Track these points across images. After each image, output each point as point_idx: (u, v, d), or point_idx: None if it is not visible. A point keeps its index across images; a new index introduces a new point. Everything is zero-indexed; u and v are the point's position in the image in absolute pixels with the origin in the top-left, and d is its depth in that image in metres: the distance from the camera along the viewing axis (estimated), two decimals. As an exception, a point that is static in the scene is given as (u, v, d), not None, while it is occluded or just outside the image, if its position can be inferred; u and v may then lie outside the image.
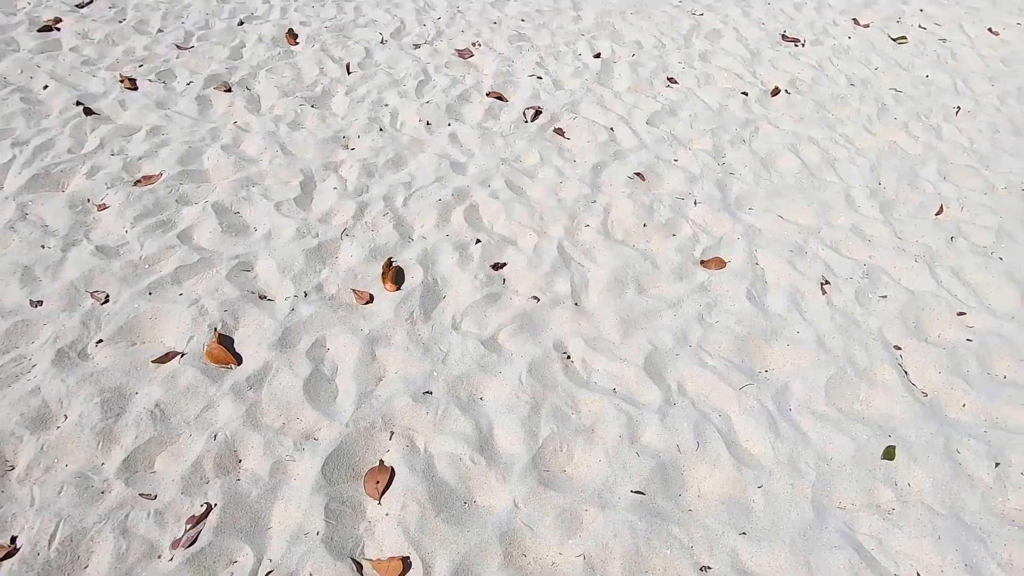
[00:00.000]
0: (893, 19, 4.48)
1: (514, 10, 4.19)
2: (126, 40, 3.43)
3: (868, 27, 4.31)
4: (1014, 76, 3.73)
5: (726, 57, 3.73)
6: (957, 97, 3.45)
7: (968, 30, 4.36)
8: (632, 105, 3.16)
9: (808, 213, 2.50)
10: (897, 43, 4.09)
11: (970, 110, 3.33)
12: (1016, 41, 4.22)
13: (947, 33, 4.29)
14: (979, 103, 3.41)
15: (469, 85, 3.22)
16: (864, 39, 4.11)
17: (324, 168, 2.53)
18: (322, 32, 3.67)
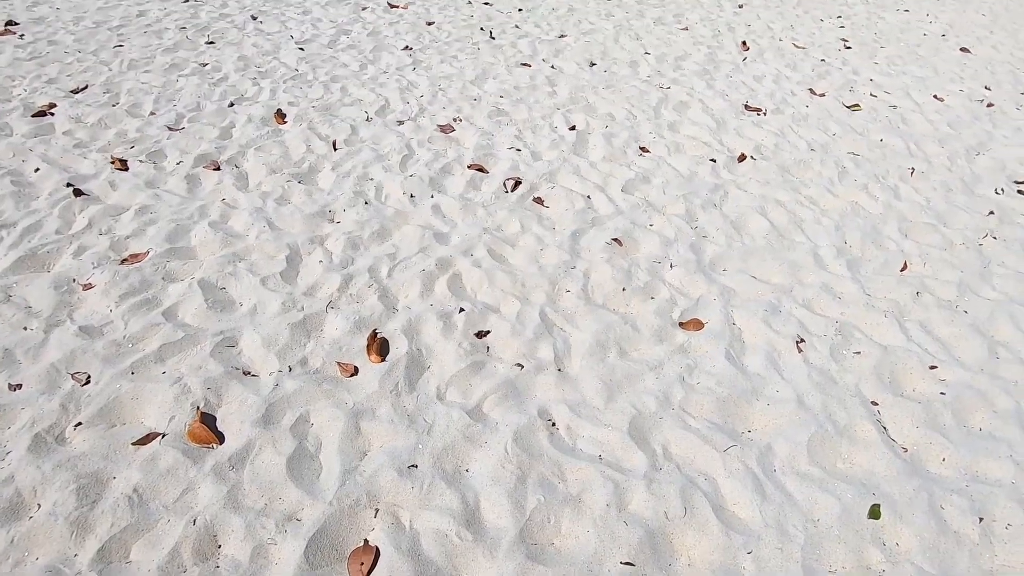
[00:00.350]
0: (846, 88, 4.82)
1: (493, 87, 4.43)
2: (119, 123, 3.55)
3: (824, 96, 4.62)
4: (960, 138, 3.99)
5: (693, 127, 3.96)
6: (911, 159, 3.67)
7: (915, 97, 4.70)
8: (607, 174, 3.31)
9: (780, 273, 2.60)
10: (851, 110, 4.38)
11: (924, 171, 3.54)
12: (959, 106, 4.55)
13: (897, 100, 4.61)
14: (931, 164, 3.63)
15: (451, 158, 3.37)
16: (821, 107, 4.39)
17: (310, 242, 2.59)
18: (309, 111, 3.84)
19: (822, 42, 6.13)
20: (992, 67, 5.56)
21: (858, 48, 5.97)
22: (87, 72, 4.26)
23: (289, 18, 5.94)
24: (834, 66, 5.36)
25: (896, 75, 5.20)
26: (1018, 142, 3.96)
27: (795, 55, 5.64)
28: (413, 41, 5.42)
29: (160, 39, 5.04)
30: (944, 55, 5.89)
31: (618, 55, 5.34)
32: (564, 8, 7.00)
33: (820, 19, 7.18)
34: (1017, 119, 4.36)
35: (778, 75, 5.05)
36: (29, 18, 5.42)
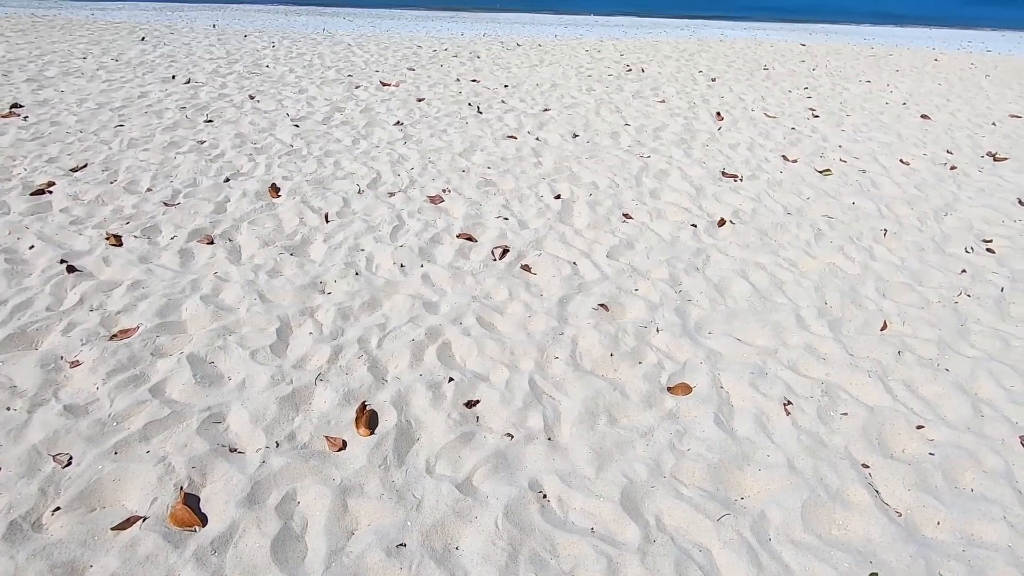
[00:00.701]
0: (817, 155, 5.07)
1: (480, 159, 4.62)
2: (116, 199, 3.65)
3: (796, 162, 4.86)
4: (928, 200, 4.17)
5: (674, 193, 4.12)
6: (883, 220, 3.83)
7: (883, 161, 4.94)
8: (592, 240, 3.41)
9: (764, 335, 2.65)
10: (823, 175, 4.59)
11: (896, 232, 3.68)
12: (924, 169, 4.78)
13: (865, 165, 4.84)
14: (903, 225, 3.78)
15: (440, 228, 3.46)
16: (794, 173, 4.60)
17: (300, 314, 2.62)
18: (303, 185, 3.97)
19: (791, 112, 6.50)
20: (951, 133, 5.89)
21: (825, 117, 6.33)
22: (87, 151, 4.40)
23: (286, 97, 6.23)
24: (804, 134, 5.66)
25: (863, 141, 5.49)
26: (982, 202, 4.15)
27: (767, 124, 5.95)
28: (404, 116, 5.68)
29: (160, 118, 5.25)
30: (906, 122, 6.24)
31: (600, 127, 5.61)
32: (547, 84, 7.40)
33: (788, 90, 7.63)
34: (979, 181, 4.58)
35: (752, 143, 5.31)
36: (34, 100, 5.64)
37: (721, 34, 15.53)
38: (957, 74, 9.46)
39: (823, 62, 10.20)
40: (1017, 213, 4.00)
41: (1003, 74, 9.62)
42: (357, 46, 9.93)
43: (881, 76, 9.00)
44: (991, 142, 5.63)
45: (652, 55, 10.26)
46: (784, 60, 10.28)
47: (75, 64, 7.34)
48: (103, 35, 9.94)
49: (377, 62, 8.45)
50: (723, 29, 17.85)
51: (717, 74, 8.66)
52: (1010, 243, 3.57)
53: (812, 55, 11.07)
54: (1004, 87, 8.42)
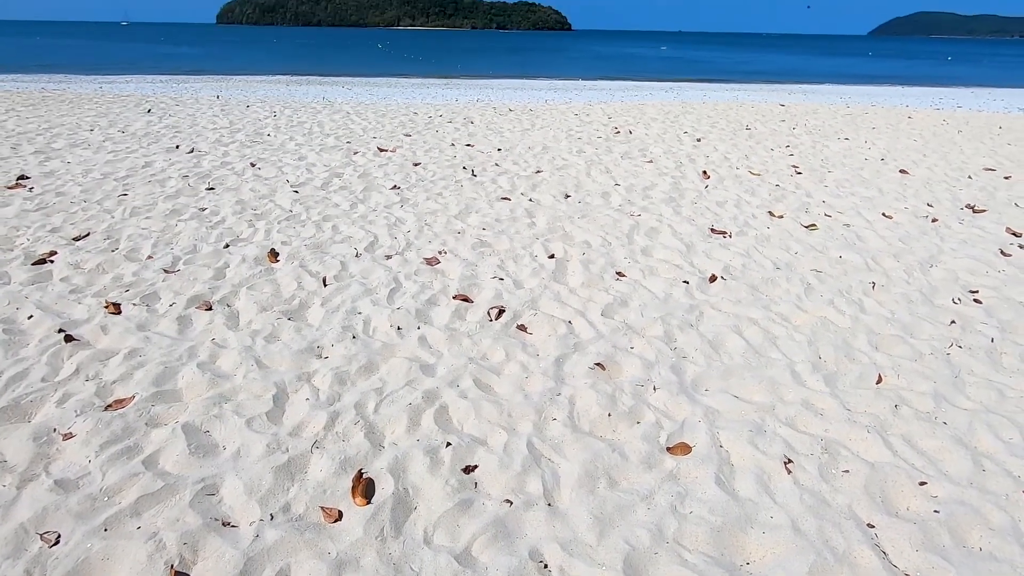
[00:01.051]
0: (802, 210, 5.22)
1: (476, 221, 4.74)
2: (116, 267, 3.70)
3: (782, 218, 5.00)
4: (913, 252, 4.28)
5: (665, 250, 4.22)
6: (870, 273, 3.91)
7: (866, 216, 5.09)
8: (587, 299, 3.46)
9: (760, 391, 2.65)
10: (809, 230, 4.72)
11: (884, 284, 3.75)
12: (907, 223, 4.93)
13: (849, 219, 4.99)
14: (890, 277, 3.86)
15: (437, 290, 3.51)
16: (781, 228, 4.73)
17: (297, 379, 2.62)
18: (302, 250, 4.05)
19: (775, 169, 6.74)
20: (930, 186, 6.10)
21: (808, 173, 6.56)
22: (90, 220, 4.50)
23: (286, 164, 6.43)
24: (788, 190, 5.85)
25: (845, 196, 5.67)
26: (965, 253, 4.26)
27: (752, 181, 6.16)
28: (401, 180, 5.86)
29: (163, 187, 5.40)
30: (886, 177, 6.47)
31: (590, 187, 5.79)
32: (539, 147, 7.68)
33: (771, 149, 7.94)
34: (961, 232, 4.71)
35: (739, 200, 5.48)
36: (41, 172, 5.80)
37: (704, 95, 16.26)
38: (931, 130, 9.88)
39: (802, 121, 10.65)
40: (1000, 263, 4.09)
41: (974, 129, 10.05)
42: (355, 114, 10.34)
43: (859, 134, 9.39)
44: (969, 195, 5.83)
45: (639, 117, 10.70)
46: (765, 120, 10.74)
47: (82, 136, 7.60)
48: (111, 107, 10.33)
49: (375, 129, 8.78)
50: (705, 91, 18.70)
51: (702, 134, 9.02)
52: (996, 293, 3.64)
53: (791, 115, 11.57)
54: (977, 142, 8.79)
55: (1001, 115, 12.37)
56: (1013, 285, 3.75)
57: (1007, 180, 6.41)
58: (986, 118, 11.71)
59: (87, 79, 18.27)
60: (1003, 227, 4.85)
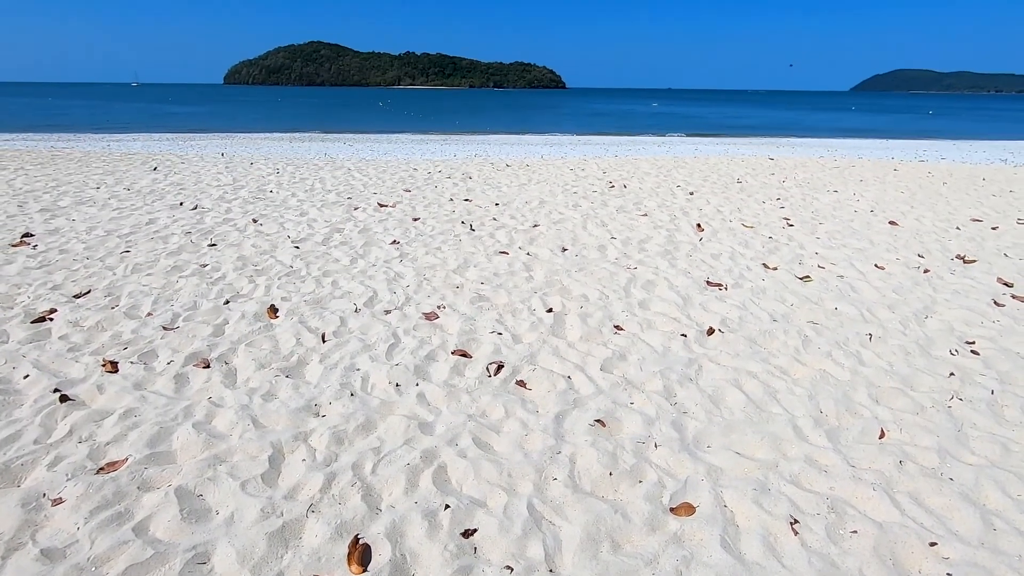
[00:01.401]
0: (796, 262, 5.30)
1: (474, 275, 4.79)
2: (115, 325, 3.71)
3: (776, 270, 5.06)
4: (907, 303, 4.32)
5: (662, 303, 4.25)
6: (866, 325, 3.93)
7: (859, 267, 5.16)
8: (585, 353, 3.46)
9: (762, 447, 2.62)
10: (804, 282, 4.77)
11: (880, 336, 3.77)
12: (899, 274, 4.99)
13: (842, 271, 5.05)
14: (886, 329, 3.88)
15: (435, 345, 3.52)
16: (776, 280, 4.79)
17: (294, 439, 2.58)
18: (301, 306, 4.07)
19: (767, 221, 6.87)
20: (920, 237, 6.22)
21: (800, 225, 6.69)
22: (92, 277, 4.54)
23: (287, 220, 6.54)
24: (781, 242, 5.95)
25: (837, 248, 5.77)
26: (959, 304, 4.30)
27: (745, 234, 6.27)
28: (400, 235, 5.95)
29: (166, 243, 5.47)
30: (876, 228, 6.61)
31: (587, 240, 5.89)
32: (536, 201, 7.85)
33: (762, 201, 8.12)
34: (953, 283, 4.77)
35: (733, 252, 5.57)
36: (45, 229, 5.89)
37: (695, 149, 16.76)
38: (917, 182, 10.14)
39: (792, 174, 10.94)
40: (994, 314, 4.13)
41: (959, 181, 10.32)
42: (357, 170, 10.60)
43: (847, 186, 9.63)
44: (958, 245, 5.93)
45: (633, 172, 10.99)
46: (755, 173, 11.03)
47: (88, 193, 7.76)
48: (117, 166, 10.59)
49: (375, 185, 8.99)
50: (696, 145, 19.29)
51: (695, 188, 9.24)
52: (992, 344, 3.65)
53: (781, 168, 11.90)
54: (962, 193, 9.01)
55: (984, 167, 12.74)
56: (1009, 335, 3.77)
57: (994, 231, 6.55)
58: (969, 170, 12.05)
59: (96, 137, 18.80)
60: (994, 277, 4.92)
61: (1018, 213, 7.51)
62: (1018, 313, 4.15)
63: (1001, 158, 15.16)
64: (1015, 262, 5.36)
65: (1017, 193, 9.05)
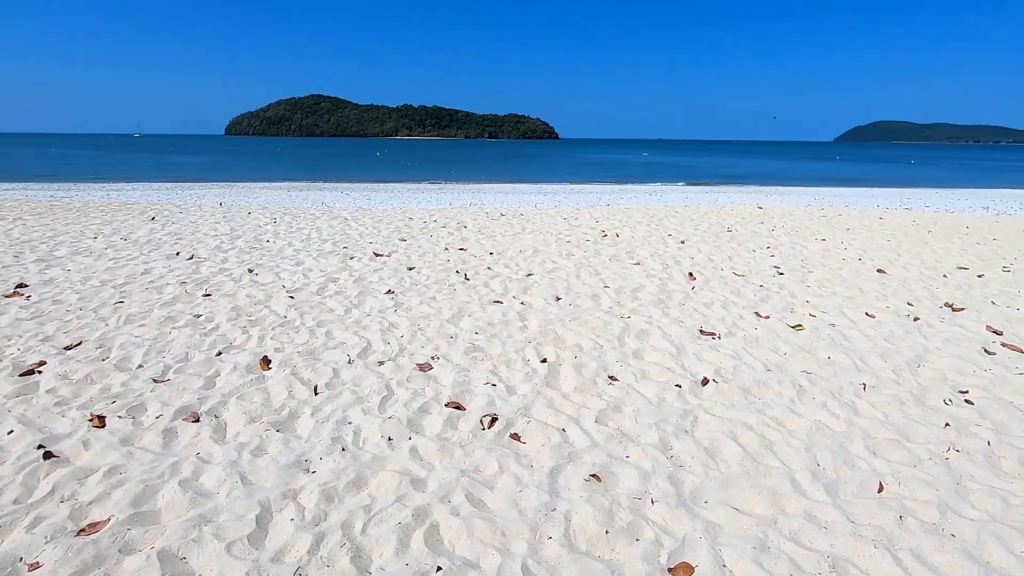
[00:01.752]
0: (787, 311, 5.34)
1: (468, 325, 4.80)
2: (105, 378, 3.66)
3: (769, 318, 5.10)
4: (899, 352, 4.34)
5: (656, 353, 4.26)
6: (860, 374, 3.94)
7: (849, 315, 5.21)
8: (580, 404, 3.44)
9: (761, 502, 2.58)
10: (796, 330, 4.80)
11: (874, 385, 3.77)
12: (890, 322, 5.04)
13: (834, 319, 5.10)
14: (879, 378, 3.88)
15: (429, 397, 3.49)
16: (768, 329, 4.81)
17: (283, 496, 2.52)
18: (294, 357, 4.05)
19: (758, 270, 6.97)
20: (908, 285, 6.31)
21: (790, 274, 6.78)
22: (84, 328, 4.51)
23: (283, 269, 6.58)
24: (772, 290, 6.02)
25: (828, 296, 5.83)
26: (950, 352, 4.32)
27: (737, 282, 6.35)
28: (395, 285, 5.99)
29: (160, 294, 5.47)
30: (864, 276, 6.71)
31: (581, 290, 5.94)
32: (530, 250, 7.95)
33: (752, 250, 8.26)
34: (943, 331, 4.82)
35: (725, 301, 5.62)
36: (40, 280, 5.89)
37: (685, 198, 17.13)
38: (903, 230, 10.36)
39: (780, 223, 11.17)
40: (985, 362, 4.15)
41: (943, 229, 10.56)
42: (353, 219, 10.75)
43: (835, 234, 9.83)
44: (946, 293, 6.01)
45: (625, 221, 11.19)
46: (745, 222, 11.25)
47: (85, 244, 7.81)
48: (116, 215, 10.70)
49: (371, 234, 9.10)
50: (686, 194, 19.73)
51: (686, 236, 9.40)
52: (986, 393, 3.66)
53: (769, 216, 12.15)
54: (947, 241, 9.20)
55: (966, 215, 13.06)
56: (1001, 384, 3.78)
57: (980, 279, 6.65)
58: (953, 218, 12.34)
59: (96, 187, 19.05)
60: (983, 325, 4.97)
61: (1002, 261, 7.66)
62: (1009, 362, 4.18)
63: (983, 206, 15.57)
64: (1003, 309, 5.43)
65: (1000, 241, 9.26)
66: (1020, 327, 4.91)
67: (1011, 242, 9.17)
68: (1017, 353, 4.34)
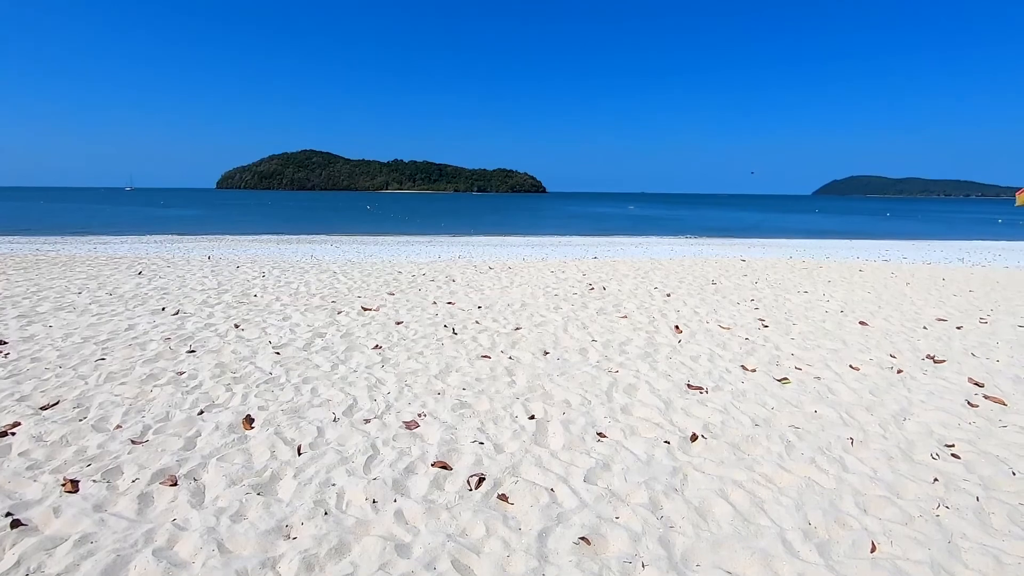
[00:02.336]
0: (773, 363, 5.39)
1: (456, 380, 4.77)
2: (81, 439, 3.57)
3: (755, 372, 5.13)
4: (884, 405, 4.37)
5: (644, 408, 4.24)
6: (847, 428, 3.95)
7: (834, 368, 5.26)
8: (568, 463, 3.39)
9: (753, 564, 2.53)
10: (782, 384, 4.83)
11: (862, 439, 3.77)
12: (874, 375, 5.09)
13: (819, 372, 5.14)
14: (867, 432, 3.89)
15: (415, 456, 3.43)
16: (755, 383, 4.84)
17: (261, 566, 2.43)
18: (278, 415, 3.98)
19: (743, 323, 7.06)
20: (890, 337, 6.41)
21: (774, 326, 6.87)
22: (62, 387, 4.42)
23: (270, 324, 6.54)
24: (758, 343, 6.08)
25: (812, 349, 5.90)
26: (935, 405, 4.36)
27: (722, 335, 6.41)
28: (383, 340, 5.96)
29: (143, 350, 5.40)
30: (847, 328, 6.81)
31: (568, 343, 5.95)
32: (518, 304, 8.00)
33: (737, 303, 8.38)
34: (926, 384, 4.87)
35: (711, 354, 5.66)
36: (20, 336, 5.80)
37: (671, 250, 17.46)
38: (882, 283, 10.60)
39: (763, 275, 11.39)
40: (969, 415, 4.19)
41: (921, 281, 10.82)
42: (342, 273, 10.79)
43: (816, 287, 10.02)
44: (927, 345, 6.11)
45: (611, 273, 11.35)
46: (729, 275, 11.46)
47: (69, 299, 7.73)
48: (102, 270, 10.64)
49: (360, 288, 9.12)
50: (671, 246, 20.13)
51: (671, 289, 9.53)
52: (972, 447, 3.67)
53: (752, 269, 12.40)
54: (925, 293, 9.42)
55: (942, 267, 13.43)
56: (986, 438, 3.81)
57: (959, 330, 6.78)
58: (929, 270, 12.67)
59: (83, 240, 19.02)
60: (965, 377, 5.03)
61: (979, 312, 7.84)
62: (992, 414, 4.22)
63: (958, 257, 16.03)
64: (983, 361, 5.51)
65: (976, 293, 9.49)
66: (1000, 379, 4.98)
67: (986, 294, 9.40)
68: (999, 405, 4.39)
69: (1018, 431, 3.92)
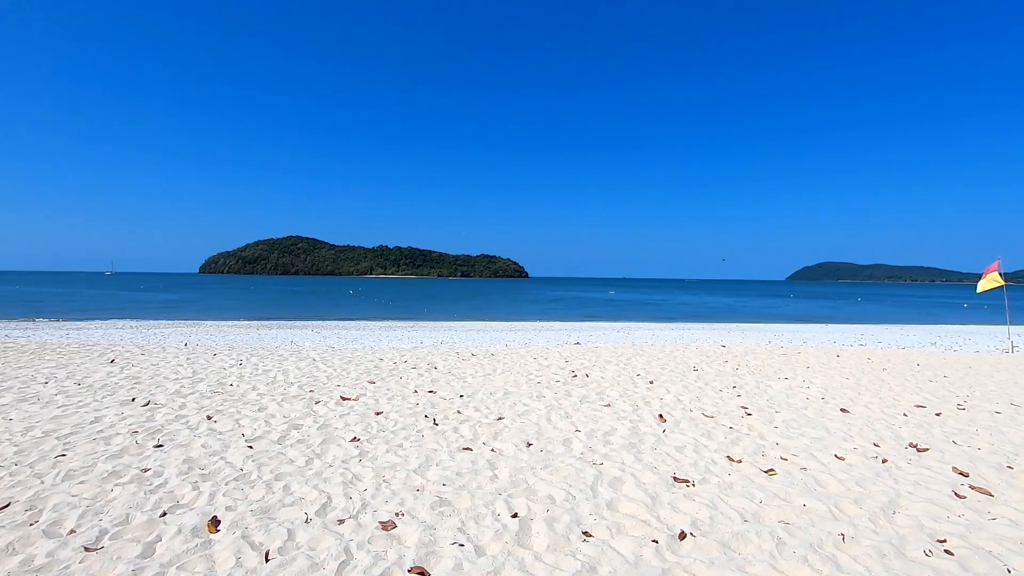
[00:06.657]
0: (758, 454, 5.32)
1: (436, 475, 4.60)
2: (30, 546, 3.32)
3: (741, 463, 5.05)
4: (872, 496, 4.30)
5: (630, 503, 4.11)
6: (836, 523, 3.85)
7: (820, 458, 5.21)
8: (553, 566, 3.23)
9: None
10: (769, 475, 4.75)
11: (853, 535, 3.67)
12: (859, 464, 5.05)
13: (804, 462, 5.08)
14: (857, 527, 3.80)
15: (391, 561, 3.24)
16: (742, 474, 4.75)
17: None
18: (247, 516, 3.77)
19: (726, 410, 7.03)
20: (872, 425, 6.42)
21: (757, 414, 6.85)
22: (15, 487, 4.17)
23: (244, 415, 6.34)
24: (742, 432, 6.03)
25: (796, 437, 5.86)
26: (923, 496, 4.30)
27: (706, 424, 6.36)
28: (361, 432, 5.79)
29: (107, 445, 5.16)
30: (829, 415, 6.81)
31: (552, 434, 5.84)
32: (500, 392, 7.90)
33: (719, 389, 8.38)
34: (912, 473, 4.83)
35: (696, 444, 5.58)
36: (-23, 431, 5.51)
37: (652, 335, 17.61)
38: (860, 368, 10.75)
39: (743, 361, 11.49)
40: (956, 507, 4.13)
41: (897, 366, 11.00)
42: (322, 360, 10.63)
43: (796, 372, 10.11)
44: (909, 432, 6.12)
45: (594, 360, 11.36)
46: (710, 360, 11.54)
47: (34, 389, 7.45)
48: (73, 358, 10.35)
49: (339, 376, 8.96)
50: (652, 331, 20.33)
51: (654, 376, 9.53)
52: (963, 541, 3.59)
53: (733, 355, 12.52)
54: (902, 379, 9.55)
55: (916, 352, 13.71)
56: (977, 531, 3.74)
57: (939, 417, 6.83)
58: (904, 355, 12.92)
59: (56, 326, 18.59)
60: (949, 466, 5.01)
61: (956, 398, 7.93)
62: (980, 506, 4.17)
63: (931, 342, 16.42)
64: (964, 449, 5.52)
65: (951, 378, 9.65)
66: (983, 467, 4.97)
67: (960, 378, 9.57)
68: (986, 496, 4.34)
69: (1008, 524, 3.86)
